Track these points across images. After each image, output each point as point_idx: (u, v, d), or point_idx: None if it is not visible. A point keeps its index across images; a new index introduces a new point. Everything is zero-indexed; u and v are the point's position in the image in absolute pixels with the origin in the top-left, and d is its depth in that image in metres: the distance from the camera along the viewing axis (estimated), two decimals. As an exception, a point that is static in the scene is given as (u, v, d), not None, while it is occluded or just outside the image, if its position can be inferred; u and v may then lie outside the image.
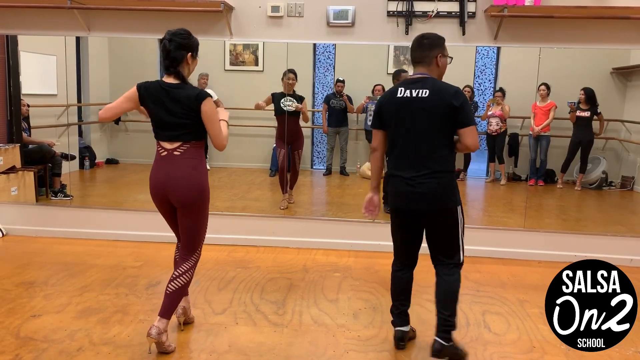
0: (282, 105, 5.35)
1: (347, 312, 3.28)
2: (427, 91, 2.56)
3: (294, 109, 5.37)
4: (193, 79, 7.12)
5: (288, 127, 5.36)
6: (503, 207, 6.17)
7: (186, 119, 2.61)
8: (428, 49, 2.66)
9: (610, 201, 6.67)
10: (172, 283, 2.71)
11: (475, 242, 4.45)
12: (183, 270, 2.74)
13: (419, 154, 2.59)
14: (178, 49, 2.62)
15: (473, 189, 7.41)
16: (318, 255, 4.39)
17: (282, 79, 5.40)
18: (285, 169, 5.48)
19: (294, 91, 5.45)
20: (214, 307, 3.28)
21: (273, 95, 5.45)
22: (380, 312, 3.30)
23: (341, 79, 7.05)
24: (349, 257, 4.38)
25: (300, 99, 5.44)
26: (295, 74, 5.40)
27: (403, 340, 2.82)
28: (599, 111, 6.53)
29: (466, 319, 3.23)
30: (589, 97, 6.52)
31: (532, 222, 4.95)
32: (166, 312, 2.68)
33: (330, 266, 4.13)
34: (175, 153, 2.65)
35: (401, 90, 2.63)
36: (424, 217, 2.66)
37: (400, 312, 2.84)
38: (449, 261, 2.66)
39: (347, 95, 6.98)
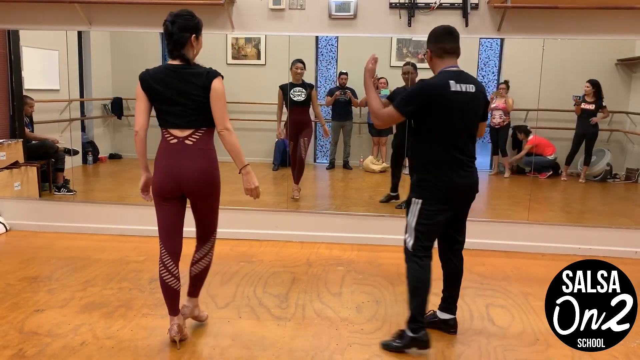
0: (291, 96, 5.34)
1: (350, 305, 3.27)
2: (473, 87, 2.62)
3: (303, 98, 5.36)
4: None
5: (298, 118, 5.35)
6: (507, 199, 6.15)
7: (196, 101, 2.50)
8: (459, 41, 2.70)
9: (614, 193, 6.64)
10: (195, 266, 2.80)
11: (479, 235, 4.43)
12: (204, 253, 2.80)
13: (464, 148, 2.65)
14: (181, 31, 2.52)
15: (477, 182, 7.38)
16: (321, 249, 4.39)
17: (290, 68, 5.37)
18: (297, 159, 5.49)
19: (302, 81, 5.43)
20: (217, 301, 3.28)
21: (282, 88, 5.42)
22: (383, 305, 3.29)
23: (344, 71, 7.02)
24: (352, 250, 4.37)
25: (309, 87, 5.43)
26: (303, 63, 5.38)
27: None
28: (604, 104, 6.49)
29: (470, 311, 3.22)
30: (596, 89, 6.47)
31: (536, 215, 4.94)
32: (194, 292, 2.87)
33: (334, 260, 4.13)
34: (187, 142, 2.54)
35: (452, 83, 2.58)
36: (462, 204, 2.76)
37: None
38: (463, 239, 2.87)
39: (351, 89, 6.95)
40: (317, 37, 7.18)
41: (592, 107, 6.50)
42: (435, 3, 4.31)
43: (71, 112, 6.00)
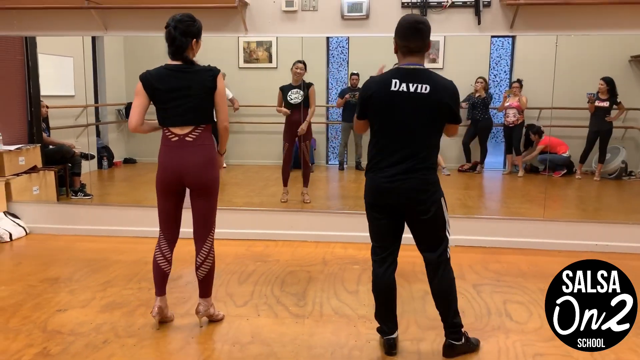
0: (288, 98, 5.36)
1: (367, 303, 3.28)
2: (428, 87, 2.36)
3: (300, 100, 5.37)
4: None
5: (296, 119, 5.36)
6: (521, 198, 6.13)
7: (197, 98, 2.62)
8: (427, 36, 2.41)
9: (630, 190, 6.59)
10: (201, 269, 2.83)
11: (495, 232, 4.44)
12: (205, 254, 2.83)
13: (406, 152, 2.43)
14: (183, 36, 2.63)
15: (490, 181, 7.37)
16: (336, 249, 4.40)
17: (291, 69, 5.40)
18: (289, 162, 5.49)
19: (302, 81, 5.45)
20: (236, 300, 3.32)
21: (282, 89, 5.45)
22: (399, 302, 3.25)
23: (356, 72, 7.05)
24: (367, 249, 4.29)
25: (308, 86, 5.40)
26: (304, 63, 5.39)
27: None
28: (618, 100, 6.45)
29: (487, 307, 3.22)
30: (610, 87, 6.43)
31: (551, 213, 4.92)
32: (205, 293, 2.89)
33: (349, 259, 4.15)
34: (188, 139, 2.67)
35: (395, 82, 2.38)
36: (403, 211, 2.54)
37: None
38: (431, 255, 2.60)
39: None
40: (327, 39, 7.22)
41: (606, 104, 6.46)
42: (447, 1, 4.33)
43: (88, 118, 6.08)
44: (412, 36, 2.40)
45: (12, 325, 2.93)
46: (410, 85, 2.37)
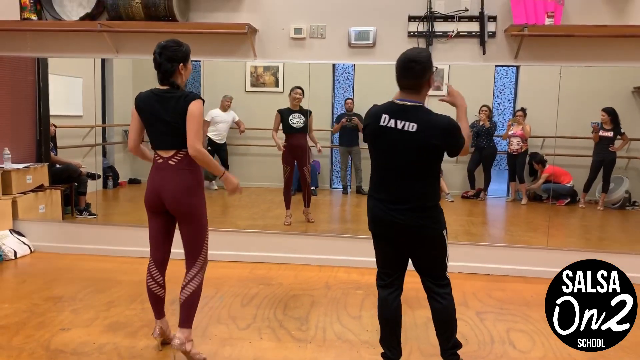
0: (291, 122, 5.44)
1: (370, 328, 3.28)
2: (415, 125, 2.36)
3: (302, 125, 5.46)
4: (217, 100, 7.25)
5: (296, 143, 5.46)
6: (525, 226, 6.13)
7: (176, 122, 2.62)
8: (420, 76, 2.39)
9: (634, 221, 6.58)
10: (183, 292, 2.75)
11: (498, 260, 4.44)
12: (191, 277, 2.76)
13: (401, 185, 2.44)
14: (168, 61, 2.65)
15: (494, 209, 7.37)
16: (340, 273, 4.41)
17: (289, 94, 5.49)
18: (290, 185, 5.55)
19: (300, 107, 5.53)
20: (238, 323, 3.31)
21: (280, 112, 5.53)
22: (403, 329, 3.27)
23: (350, 97, 7.11)
24: (370, 274, 4.33)
25: (307, 114, 5.52)
26: (302, 89, 5.49)
27: None
28: (622, 131, 6.49)
29: (491, 336, 3.21)
30: (613, 117, 6.48)
31: (555, 241, 4.91)
32: (184, 321, 2.74)
33: (352, 283, 4.14)
34: (170, 162, 2.68)
35: (385, 118, 2.41)
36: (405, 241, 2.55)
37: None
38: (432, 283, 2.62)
39: (358, 114, 7.02)
40: (334, 65, 7.32)
41: (610, 134, 6.50)
42: (452, 32, 4.41)
43: (96, 138, 6.14)
44: (403, 74, 2.41)
45: (15, 343, 2.94)
46: (398, 122, 2.39)
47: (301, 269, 4.48)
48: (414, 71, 2.38)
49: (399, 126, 2.38)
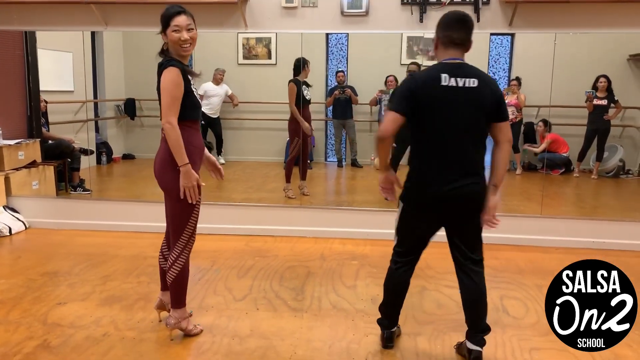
0: (305, 94, 5.41)
1: (365, 297, 3.31)
2: (476, 80, 2.29)
3: (310, 96, 5.50)
4: (209, 74, 7.17)
5: (307, 114, 5.47)
6: (519, 195, 6.15)
7: (159, 92, 2.52)
8: (470, 32, 2.36)
9: (627, 189, 6.62)
10: (169, 273, 2.66)
11: (492, 229, 4.44)
12: (175, 257, 2.65)
13: (460, 153, 2.34)
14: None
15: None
16: (335, 244, 4.43)
17: (304, 67, 5.39)
18: (297, 158, 5.53)
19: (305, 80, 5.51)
20: (235, 294, 3.33)
21: (295, 83, 5.40)
22: (398, 297, 3.32)
23: (341, 69, 7.04)
24: (365, 245, 4.41)
25: (309, 85, 5.55)
26: None
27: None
28: (616, 99, 6.48)
29: (484, 303, 3.24)
30: (609, 84, 6.47)
31: (549, 210, 4.93)
32: (174, 302, 2.70)
33: (348, 254, 4.17)
34: (162, 134, 2.56)
35: (445, 77, 2.28)
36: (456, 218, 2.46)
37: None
38: (476, 257, 2.58)
39: (350, 87, 6.96)
40: (327, 35, 7.23)
41: (604, 102, 6.49)
42: (446, -1, 4.34)
43: (87, 113, 6.08)
44: (457, 27, 2.34)
45: (12, 317, 2.95)
46: (459, 80, 2.29)
47: (297, 241, 4.50)
48: (469, 25, 2.36)
49: (460, 84, 2.29)
